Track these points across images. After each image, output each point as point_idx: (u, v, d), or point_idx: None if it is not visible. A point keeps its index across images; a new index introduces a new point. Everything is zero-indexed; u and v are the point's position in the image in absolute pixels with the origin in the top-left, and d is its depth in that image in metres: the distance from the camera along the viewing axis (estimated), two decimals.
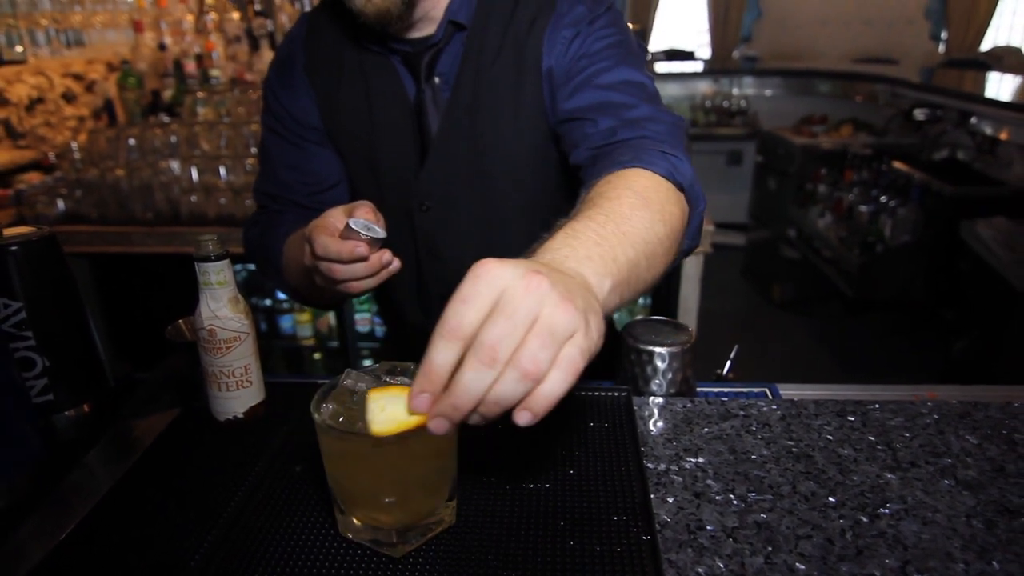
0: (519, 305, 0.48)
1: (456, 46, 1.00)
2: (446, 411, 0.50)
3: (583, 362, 0.49)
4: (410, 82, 1.02)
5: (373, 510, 0.63)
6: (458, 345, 0.49)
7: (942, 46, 7.25)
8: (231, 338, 0.78)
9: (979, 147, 3.52)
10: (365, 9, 0.88)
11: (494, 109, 1.00)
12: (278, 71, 1.09)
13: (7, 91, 2.35)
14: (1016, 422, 0.83)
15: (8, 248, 0.75)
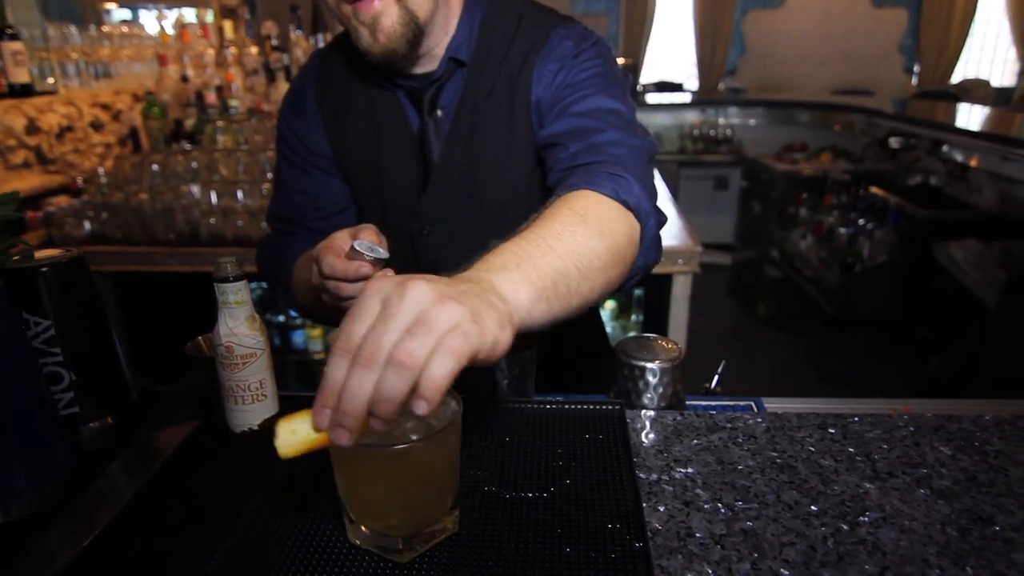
0: (396, 310, 0.49)
1: (457, 81, 1.01)
2: (340, 419, 0.50)
3: (468, 347, 0.49)
4: (414, 115, 1.02)
5: (380, 518, 0.62)
6: (348, 358, 0.49)
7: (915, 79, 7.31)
8: (247, 354, 0.78)
9: (951, 173, 3.54)
10: (372, 48, 0.90)
11: (490, 140, 1.00)
12: (292, 104, 1.10)
13: (39, 120, 2.36)
14: (987, 434, 0.83)
15: (39, 269, 0.75)
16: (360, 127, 1.05)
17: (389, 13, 0.87)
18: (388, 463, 0.60)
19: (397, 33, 0.88)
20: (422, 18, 0.90)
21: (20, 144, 2.31)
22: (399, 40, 0.89)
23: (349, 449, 0.60)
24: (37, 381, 0.72)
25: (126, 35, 2.99)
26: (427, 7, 0.90)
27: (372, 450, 0.60)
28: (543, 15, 1.03)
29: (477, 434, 0.82)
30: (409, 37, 0.90)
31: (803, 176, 4.31)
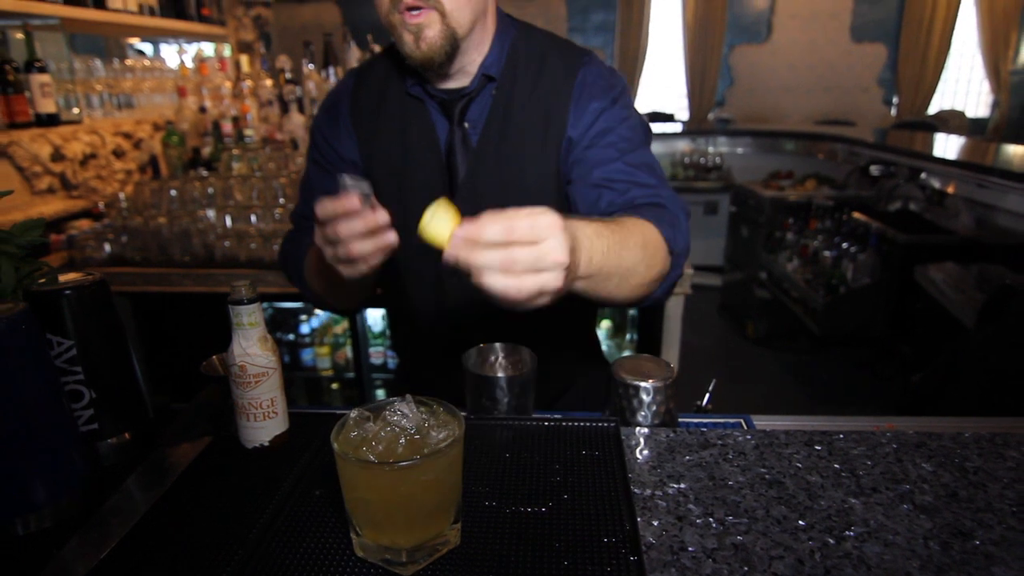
0: (535, 246, 0.64)
1: (486, 97, 1.06)
2: (461, 250, 0.65)
3: (535, 290, 0.64)
4: (442, 126, 1.06)
5: (385, 532, 0.62)
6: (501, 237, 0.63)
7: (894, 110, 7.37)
8: (260, 373, 0.78)
9: (929, 199, 3.56)
10: (414, 54, 0.95)
11: (517, 157, 1.05)
12: (326, 113, 1.14)
13: (64, 148, 2.38)
14: (967, 451, 0.83)
15: (63, 292, 0.75)
16: (389, 134, 1.08)
17: (432, 26, 0.93)
18: (393, 479, 0.60)
19: (437, 44, 0.94)
20: (460, 34, 0.96)
21: (46, 171, 2.32)
22: (438, 51, 0.95)
23: (357, 466, 0.60)
24: (59, 399, 0.72)
25: (148, 68, 3.03)
26: (465, 26, 0.96)
27: (378, 466, 0.60)
28: (567, 45, 1.10)
29: (479, 450, 0.81)
30: (447, 50, 0.96)
31: (789, 202, 4.33)
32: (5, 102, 2.23)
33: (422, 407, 0.67)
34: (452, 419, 0.66)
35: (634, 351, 2.30)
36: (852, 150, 4.52)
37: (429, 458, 0.60)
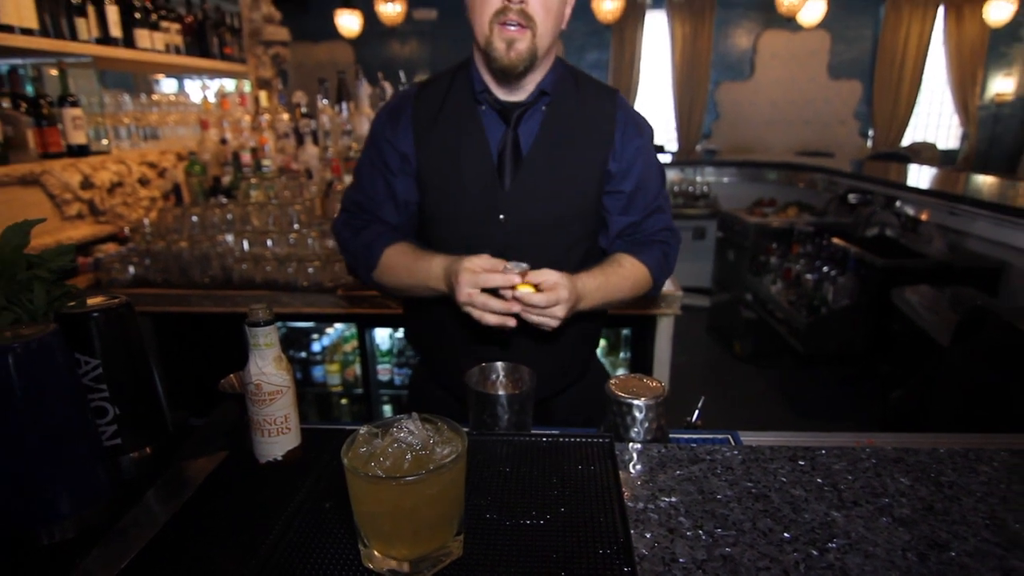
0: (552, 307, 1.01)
1: (538, 111, 1.15)
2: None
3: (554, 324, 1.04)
4: (495, 133, 1.15)
5: (392, 544, 0.62)
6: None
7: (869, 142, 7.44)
8: (274, 391, 0.78)
9: (904, 226, 3.57)
10: (502, 59, 1.06)
11: (562, 167, 1.15)
12: (389, 114, 1.21)
13: (93, 177, 2.40)
14: (942, 466, 0.83)
15: (91, 314, 0.76)
16: (445, 134, 1.16)
17: (524, 40, 1.05)
18: (400, 493, 0.60)
19: (524, 56, 1.05)
20: (540, 53, 1.08)
21: (75, 198, 2.34)
22: (523, 62, 1.06)
23: (365, 480, 0.60)
24: (85, 415, 0.72)
25: (173, 103, 3.06)
26: (544, 47, 1.08)
27: (385, 481, 0.60)
28: (595, 80, 1.24)
29: (480, 465, 0.81)
30: (528, 63, 1.07)
31: (772, 228, 4.35)
32: (39, 134, 2.25)
33: (427, 424, 0.67)
34: (455, 436, 0.66)
35: (627, 368, 2.30)
36: (831, 179, 4.55)
37: (434, 473, 0.60)
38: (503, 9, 1.02)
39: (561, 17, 1.10)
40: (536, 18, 1.03)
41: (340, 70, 3.05)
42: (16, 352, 0.64)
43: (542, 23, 1.04)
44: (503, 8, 1.02)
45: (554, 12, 1.06)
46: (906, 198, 3.62)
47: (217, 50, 3.18)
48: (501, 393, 0.88)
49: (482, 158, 1.13)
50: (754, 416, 3.43)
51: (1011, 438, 1.00)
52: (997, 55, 7.14)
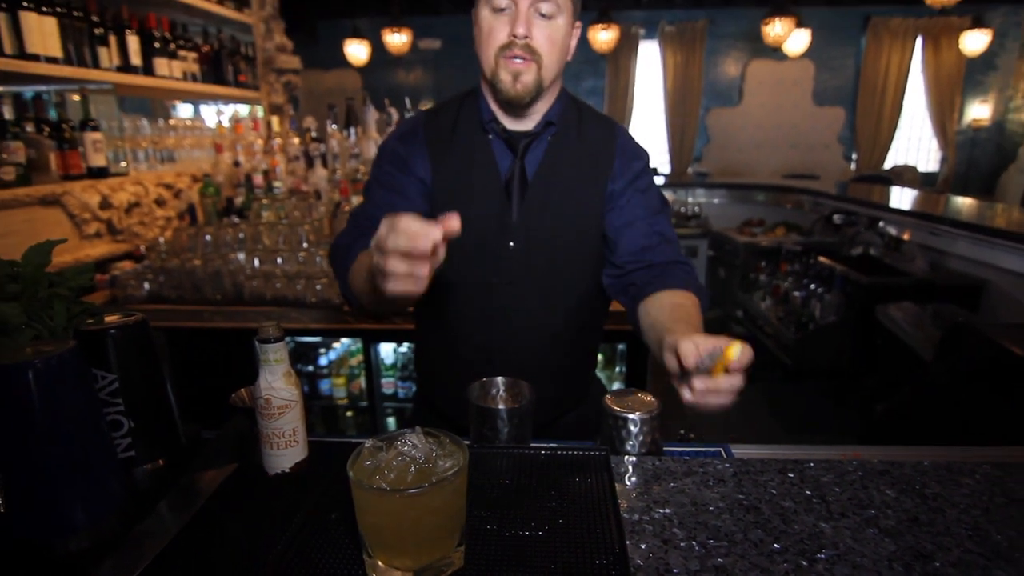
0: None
1: (543, 140, 1.14)
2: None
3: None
4: (504, 161, 1.13)
5: (396, 554, 0.62)
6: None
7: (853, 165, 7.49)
8: (283, 406, 0.78)
9: (887, 245, 3.59)
10: (508, 91, 1.04)
11: (565, 193, 1.13)
12: (401, 138, 1.18)
13: (111, 197, 2.41)
14: (926, 478, 0.83)
15: (108, 331, 0.76)
16: (457, 161, 1.13)
17: (529, 73, 1.03)
18: (403, 505, 0.60)
19: (528, 87, 1.04)
20: (545, 85, 1.06)
21: (94, 217, 2.35)
22: (529, 93, 1.05)
23: (370, 493, 0.60)
24: (101, 428, 0.72)
25: (189, 127, 3.08)
26: (550, 79, 1.07)
27: (390, 493, 0.60)
28: (595, 110, 1.22)
29: (481, 477, 0.81)
30: (534, 94, 1.06)
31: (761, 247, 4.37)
32: (61, 156, 2.27)
33: (430, 438, 0.67)
34: (457, 449, 0.66)
35: (623, 382, 2.29)
36: (817, 201, 4.58)
37: (436, 486, 0.60)
38: (509, 44, 1.02)
39: (566, 50, 1.09)
40: (541, 51, 1.03)
41: (348, 96, 3.09)
42: (36, 368, 0.64)
43: (547, 56, 1.04)
44: (509, 43, 1.02)
45: (559, 45, 1.06)
46: (889, 219, 3.64)
47: (232, 77, 3.21)
48: (501, 407, 0.88)
49: (493, 187, 1.12)
50: (745, 428, 3.41)
51: (992, 451, 0.99)
52: (973, 83, 7.22)
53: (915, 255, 3.33)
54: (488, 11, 1.03)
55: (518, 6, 1.00)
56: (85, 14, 2.28)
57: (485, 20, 1.04)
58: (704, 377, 0.78)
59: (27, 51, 2.03)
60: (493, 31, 1.03)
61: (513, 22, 1.01)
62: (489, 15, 1.03)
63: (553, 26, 1.03)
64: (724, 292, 4.69)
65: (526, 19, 1.00)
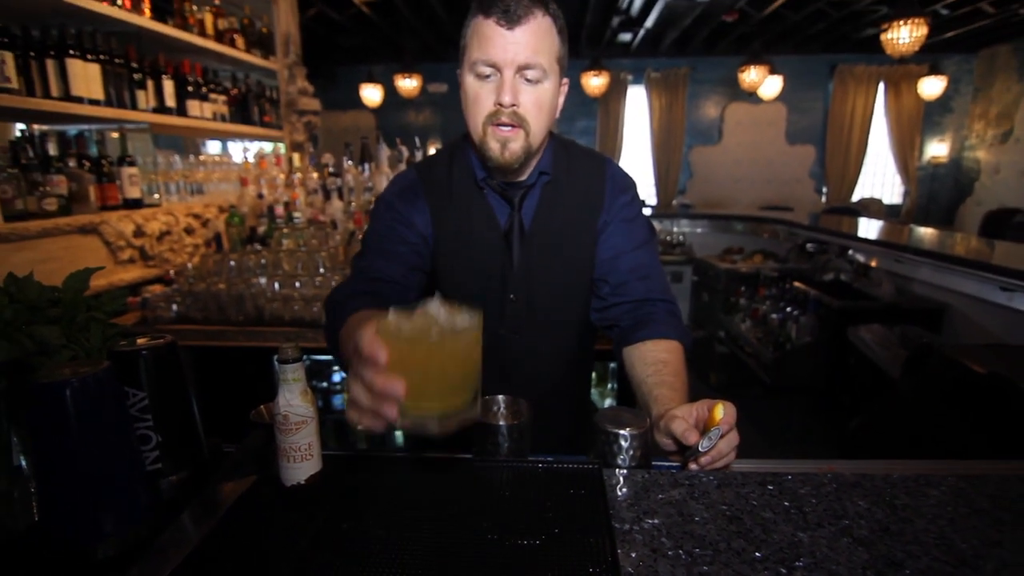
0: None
1: (538, 189, 1.08)
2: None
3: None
4: (502, 213, 1.08)
5: (423, 398, 0.63)
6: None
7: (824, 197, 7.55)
8: (300, 422, 0.78)
9: (856, 271, 3.60)
10: (498, 159, 0.98)
11: (562, 238, 1.09)
12: (401, 195, 1.10)
13: (144, 226, 2.43)
14: (896, 490, 0.82)
15: (140, 352, 0.76)
16: (457, 215, 1.08)
17: (517, 140, 0.97)
18: (430, 350, 0.63)
19: (517, 155, 0.98)
20: (534, 149, 1.00)
21: (128, 244, 2.36)
22: (517, 160, 0.98)
23: (403, 341, 0.63)
24: (131, 442, 0.72)
25: (217, 162, 3.12)
26: (539, 141, 1.01)
27: (419, 340, 0.63)
28: (589, 149, 1.18)
29: (483, 490, 0.80)
30: (523, 159, 0.99)
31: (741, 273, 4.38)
32: (100, 189, 2.29)
33: (447, 305, 0.68)
34: (472, 313, 0.67)
35: (614, 399, 2.28)
36: (791, 231, 4.61)
37: (458, 333, 0.64)
38: (496, 111, 0.94)
39: (554, 110, 1.01)
40: (528, 117, 0.96)
41: (363, 135, 3.13)
42: (74, 386, 0.64)
43: (534, 121, 0.96)
44: (496, 111, 0.94)
45: (546, 109, 0.98)
46: (857, 247, 3.66)
47: (257, 118, 3.26)
48: (502, 423, 0.88)
49: (494, 239, 1.07)
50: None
51: (957, 464, 0.98)
52: (931, 123, 7.32)
53: (882, 280, 3.34)
54: (472, 77, 0.95)
55: (503, 74, 0.92)
56: (126, 61, 2.33)
57: (471, 87, 0.96)
58: (705, 450, 0.83)
59: (72, 94, 2.07)
60: (479, 98, 0.95)
61: (499, 90, 0.93)
62: (474, 81, 0.95)
63: (540, 90, 0.95)
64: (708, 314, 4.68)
65: (512, 87, 0.93)
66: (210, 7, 2.85)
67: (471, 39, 0.95)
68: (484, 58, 0.93)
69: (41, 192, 2.01)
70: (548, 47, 0.94)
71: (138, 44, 2.45)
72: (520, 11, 0.91)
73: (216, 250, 2.63)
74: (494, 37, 0.91)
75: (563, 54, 0.99)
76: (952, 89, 6.94)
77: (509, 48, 0.91)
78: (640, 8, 5.62)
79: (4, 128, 2.48)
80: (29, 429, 0.70)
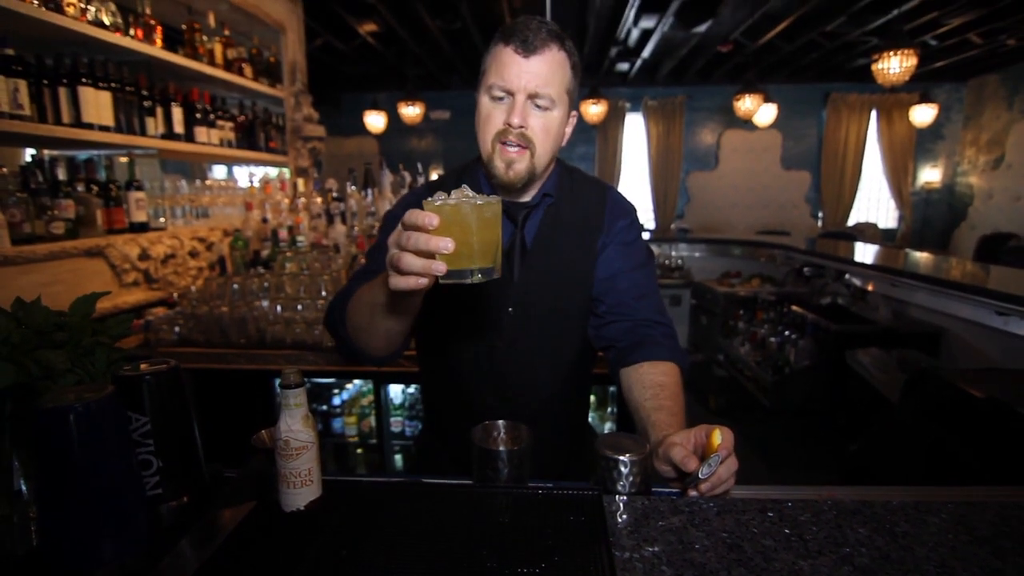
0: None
1: (541, 211, 1.12)
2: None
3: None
4: (506, 231, 1.10)
5: (461, 259, 0.75)
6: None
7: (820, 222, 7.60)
8: (300, 447, 0.77)
9: (853, 295, 3.61)
10: (502, 178, 1.02)
11: (561, 259, 1.11)
12: (406, 208, 1.11)
13: (150, 250, 2.44)
14: (896, 517, 0.81)
15: (144, 377, 0.76)
16: None
17: (523, 161, 1.01)
18: (466, 213, 0.75)
19: (521, 175, 1.02)
20: (538, 171, 1.04)
21: (133, 268, 2.37)
22: (520, 180, 1.03)
23: (449, 207, 0.74)
24: (133, 467, 0.72)
25: (222, 187, 3.15)
26: (543, 165, 1.04)
27: (460, 207, 0.75)
28: (592, 177, 1.22)
29: (483, 517, 0.79)
30: (527, 180, 1.04)
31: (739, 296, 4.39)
32: (106, 213, 2.31)
33: (471, 191, 0.79)
34: (495, 196, 0.80)
35: (614, 422, 2.26)
36: (788, 255, 4.63)
37: (487, 204, 0.76)
38: (505, 131, 0.99)
39: (561, 138, 1.05)
40: (535, 140, 1.00)
41: (366, 161, 3.17)
42: (77, 411, 0.64)
43: (541, 144, 1.01)
44: (505, 130, 0.99)
45: (553, 135, 1.02)
46: (854, 271, 3.67)
47: (263, 144, 3.30)
48: (502, 449, 0.88)
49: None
50: None
51: (956, 491, 0.98)
52: (924, 150, 7.41)
53: (879, 305, 3.34)
54: (487, 99, 1.01)
55: (515, 98, 0.98)
56: (136, 89, 2.37)
57: (484, 107, 1.01)
58: (705, 477, 0.83)
59: (83, 120, 2.10)
60: (491, 117, 1.01)
61: (510, 112, 0.99)
62: (488, 102, 1.01)
63: (548, 116, 1.00)
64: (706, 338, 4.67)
65: (522, 110, 0.98)
66: (220, 37, 2.92)
67: (490, 64, 1.00)
68: (499, 83, 0.98)
69: (49, 216, 2.03)
70: (560, 79, 1.00)
71: (149, 72, 2.49)
72: (537, 43, 0.97)
73: (220, 273, 2.64)
74: (511, 64, 0.97)
75: (573, 87, 1.04)
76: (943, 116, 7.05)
77: (523, 75, 0.97)
78: (637, 39, 5.74)
79: (15, 153, 2.52)
80: (32, 454, 0.69)
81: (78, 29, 2.01)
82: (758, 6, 4.46)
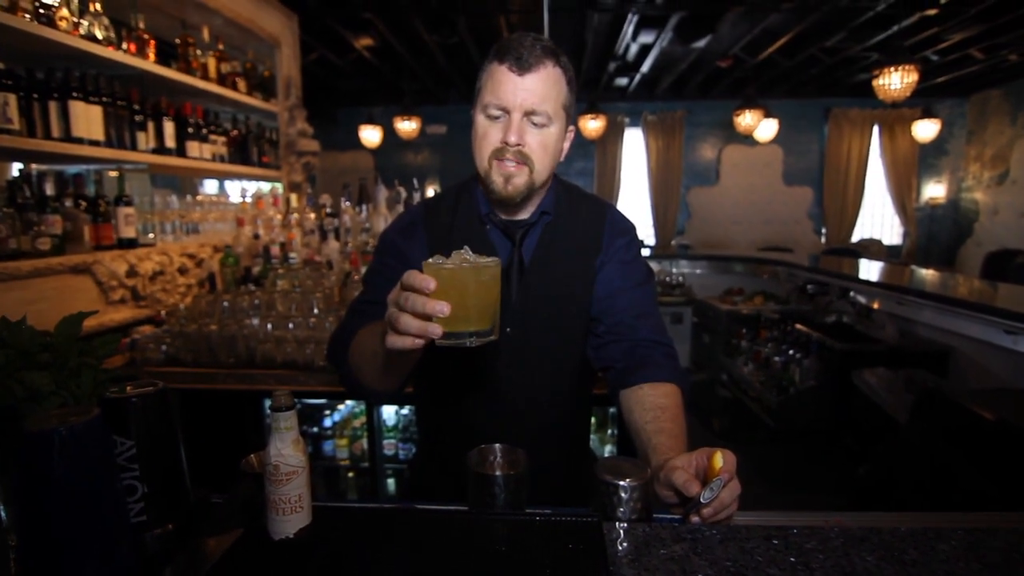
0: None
1: (539, 228, 1.13)
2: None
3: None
4: (503, 249, 1.11)
5: (458, 323, 0.77)
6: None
7: (823, 238, 7.64)
8: (291, 472, 0.77)
9: (859, 313, 3.61)
10: (500, 192, 1.03)
11: (559, 277, 1.12)
12: (401, 230, 1.17)
13: (138, 266, 2.44)
14: (904, 544, 0.81)
15: (130, 400, 0.76)
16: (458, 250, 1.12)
17: (521, 175, 1.03)
18: (464, 276, 0.78)
19: (519, 189, 1.03)
20: (536, 187, 1.06)
21: (120, 284, 2.37)
22: (519, 195, 1.04)
23: (446, 271, 0.77)
24: (117, 493, 0.71)
25: (214, 202, 3.16)
26: (541, 181, 1.06)
27: (458, 269, 0.78)
28: (592, 195, 1.23)
29: (478, 546, 0.79)
30: (525, 195, 1.05)
31: (742, 314, 4.39)
32: (94, 228, 2.31)
33: (472, 253, 0.82)
34: (494, 258, 0.82)
35: (615, 445, 2.25)
36: (791, 272, 4.65)
37: (486, 267, 0.79)
38: (501, 148, 1.01)
39: (558, 154, 1.06)
40: (533, 156, 1.01)
41: (362, 176, 3.19)
42: (61, 435, 0.64)
43: (539, 161, 1.02)
44: (501, 147, 1.01)
45: (551, 151, 1.04)
46: (859, 289, 3.69)
47: (256, 159, 3.32)
48: (498, 473, 0.87)
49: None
50: None
51: (967, 516, 0.98)
52: (927, 165, 7.50)
53: (885, 323, 3.35)
54: (483, 117, 1.02)
55: (511, 116, 0.99)
56: (128, 103, 2.39)
57: (481, 125, 1.03)
58: (708, 502, 0.83)
59: (73, 135, 2.12)
60: (488, 135, 1.02)
61: (506, 130, 1.00)
62: (484, 120, 1.02)
63: (545, 133, 1.02)
64: (709, 357, 4.67)
65: (518, 128, 0.99)
66: (214, 52, 2.95)
67: (486, 82, 1.02)
68: (495, 101, 1.00)
69: (35, 232, 2.03)
70: (555, 95, 1.01)
71: (142, 86, 2.52)
72: (532, 60, 0.98)
73: (210, 290, 2.64)
74: (506, 82, 0.99)
75: (570, 103, 1.06)
76: (946, 132, 7.15)
77: (519, 93, 0.99)
78: (636, 54, 5.83)
79: (2, 168, 2.53)
80: (14, 478, 0.69)
81: (71, 43, 2.04)
82: (757, 22, 4.54)
